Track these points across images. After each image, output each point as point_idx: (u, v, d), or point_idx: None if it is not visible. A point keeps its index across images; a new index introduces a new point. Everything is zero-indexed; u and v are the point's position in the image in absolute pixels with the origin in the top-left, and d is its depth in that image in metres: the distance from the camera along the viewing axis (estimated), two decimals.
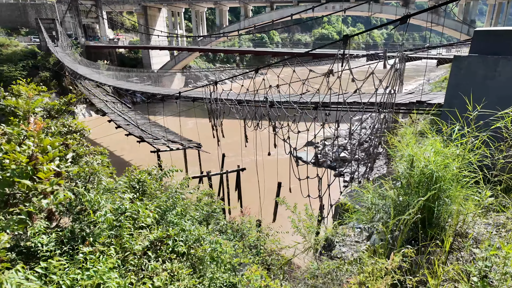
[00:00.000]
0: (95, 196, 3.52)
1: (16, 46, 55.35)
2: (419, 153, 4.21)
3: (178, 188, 5.32)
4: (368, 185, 4.50)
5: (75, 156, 4.20)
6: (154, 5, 70.47)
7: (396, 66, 8.47)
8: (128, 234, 3.41)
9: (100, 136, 44.74)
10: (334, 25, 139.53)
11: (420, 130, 4.82)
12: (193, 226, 4.32)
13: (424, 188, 4.01)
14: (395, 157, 4.61)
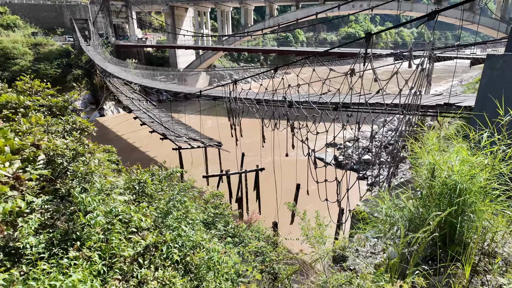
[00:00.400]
0: (85, 197, 3.44)
1: (52, 45, 58.33)
2: (441, 161, 3.80)
3: (180, 190, 5.16)
4: (383, 193, 4.13)
5: (75, 154, 4.16)
6: (181, 5, 71.80)
7: (423, 66, 7.91)
8: (117, 239, 3.29)
9: (126, 132, 46.35)
10: (361, 24, 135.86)
11: (445, 135, 4.37)
12: (192, 231, 4.14)
13: (446, 201, 3.61)
14: (415, 165, 4.21)
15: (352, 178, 11.27)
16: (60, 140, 4.15)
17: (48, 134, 4.45)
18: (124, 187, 4.64)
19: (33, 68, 52.18)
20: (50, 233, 3.34)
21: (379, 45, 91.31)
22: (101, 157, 4.64)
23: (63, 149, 3.93)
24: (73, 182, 3.97)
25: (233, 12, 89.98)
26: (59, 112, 5.54)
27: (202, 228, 4.96)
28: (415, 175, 4.18)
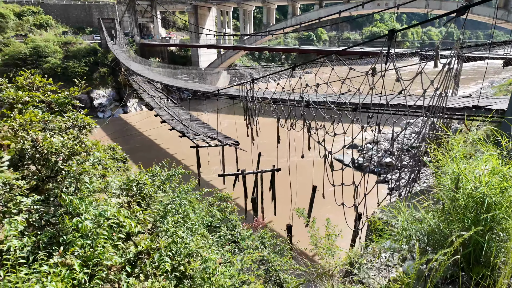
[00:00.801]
0: (73, 199, 3.28)
1: (81, 44, 60.56)
2: (467, 171, 3.37)
3: (181, 192, 4.94)
4: (400, 203, 3.75)
5: (71, 153, 4.04)
6: (204, 4, 72.48)
7: (450, 66, 7.33)
8: (102, 245, 3.09)
9: (148, 128, 47.35)
10: (386, 23, 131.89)
11: (473, 140, 3.91)
12: (190, 237, 3.90)
13: (471, 216, 3.19)
14: (437, 173, 3.79)
15: (371, 181, 10.76)
16: (57, 137, 4.07)
17: (46, 131, 4.39)
18: (122, 187, 4.47)
19: (63, 66, 54.42)
20: (37, 236, 3.23)
21: (405, 45, 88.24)
22: (101, 155, 4.53)
23: (59, 147, 3.84)
24: (65, 183, 3.86)
25: (256, 11, 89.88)
26: (58, 108, 5.50)
27: (205, 232, 4.73)
28: (437, 184, 3.76)
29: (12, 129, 3.91)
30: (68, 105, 5.55)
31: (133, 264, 3.35)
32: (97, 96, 56.20)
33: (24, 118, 4.13)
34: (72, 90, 5.57)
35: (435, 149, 4.03)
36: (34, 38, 57.78)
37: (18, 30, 62.25)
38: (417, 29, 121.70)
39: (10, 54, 52.49)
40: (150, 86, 49.23)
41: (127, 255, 3.31)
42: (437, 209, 3.61)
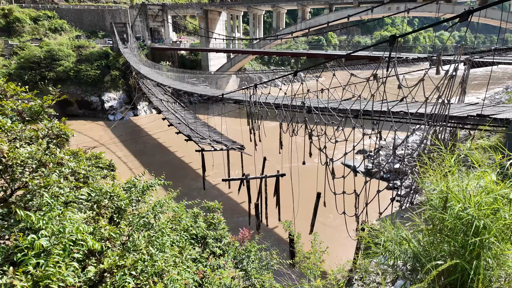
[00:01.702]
0: (30, 215, 3.13)
1: (93, 48, 61.77)
2: (457, 189, 3.11)
3: (156, 205, 4.73)
4: (385, 223, 3.51)
5: (38, 165, 3.92)
6: (214, 9, 73.08)
7: (453, 72, 7.01)
8: (55, 265, 2.93)
9: (157, 131, 47.79)
10: (398, 27, 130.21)
11: (467, 154, 3.64)
12: (161, 253, 3.70)
13: (459, 239, 2.93)
14: (425, 189, 3.53)
15: (378, 189, 10.41)
16: (25, 148, 3.97)
17: (16, 141, 4.30)
18: (92, 200, 4.31)
19: (75, 69, 55.55)
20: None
21: (417, 49, 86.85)
22: (75, 166, 4.40)
23: (26, 159, 3.73)
24: (28, 196, 3.73)
25: (265, 16, 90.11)
26: (30, 118, 5.41)
27: (187, 246, 4.53)
28: (426, 202, 3.50)
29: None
30: (41, 114, 5.46)
31: (95, 284, 3.19)
32: (108, 99, 57.12)
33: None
34: (45, 99, 5.48)
35: (425, 163, 3.78)
36: (49, 42, 59.25)
37: (33, 34, 63.97)
38: (429, 33, 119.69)
39: (25, 57, 53.89)
40: (159, 89, 49.73)
41: (87, 275, 3.16)
42: (423, 229, 3.35)
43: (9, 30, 62.51)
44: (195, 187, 30.26)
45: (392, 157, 9.04)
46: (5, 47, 56.46)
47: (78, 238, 3.18)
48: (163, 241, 3.99)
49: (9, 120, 4.61)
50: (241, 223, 22.89)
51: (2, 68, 52.04)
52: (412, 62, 22.19)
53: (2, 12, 62.78)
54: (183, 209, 5.81)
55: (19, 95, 5.67)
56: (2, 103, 5.02)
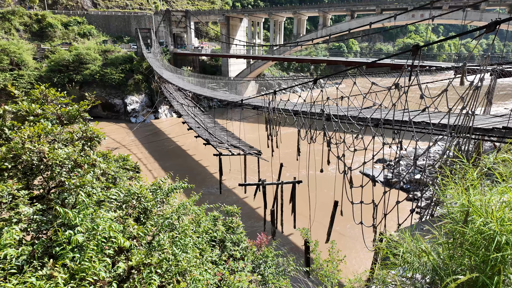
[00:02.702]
0: (68, 212, 3.37)
1: (119, 52, 64.09)
2: (478, 203, 3.10)
3: (180, 207, 4.91)
4: (404, 234, 3.52)
5: (74, 165, 4.20)
6: (236, 16, 74.23)
7: (477, 84, 6.88)
8: (89, 259, 3.14)
9: (177, 134, 48.81)
10: (422, 35, 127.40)
11: (490, 169, 3.61)
12: (184, 253, 3.85)
13: (480, 254, 2.91)
14: (446, 203, 3.52)
15: (397, 199, 10.24)
16: (63, 149, 4.26)
17: (54, 142, 4.62)
18: (121, 200, 4.54)
19: (101, 73, 57.76)
20: (34, 245, 3.35)
21: (441, 58, 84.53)
22: (105, 167, 4.67)
23: (63, 159, 4.01)
24: (65, 194, 3.99)
25: (286, 22, 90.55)
26: (67, 121, 5.77)
27: (207, 248, 4.68)
28: (447, 215, 3.49)
29: (21, 140, 4.17)
30: (77, 117, 5.82)
31: (123, 279, 3.38)
32: (131, 101, 58.94)
33: (32, 130, 4.38)
34: (82, 104, 5.84)
35: (446, 175, 3.76)
36: (77, 46, 61.95)
37: (64, 39, 67.17)
38: (455, 41, 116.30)
39: (55, 60, 56.58)
40: (180, 93, 50.88)
41: (116, 270, 3.35)
42: (443, 242, 3.34)
43: (41, 35, 65.98)
44: (212, 191, 30.61)
45: (413, 168, 8.89)
46: (38, 50, 59.53)
47: (110, 236, 3.39)
48: (185, 242, 4.15)
49: (49, 123, 4.97)
50: (257, 229, 22.91)
51: (34, 70, 54.81)
52: (436, 71, 21.70)
53: (36, 17, 66.40)
54: (203, 212, 5.97)
55: (58, 99, 6.08)
56: (44, 107, 5.42)
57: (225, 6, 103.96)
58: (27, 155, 3.87)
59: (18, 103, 5.33)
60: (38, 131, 4.43)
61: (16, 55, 52.90)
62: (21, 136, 4.17)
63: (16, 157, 3.91)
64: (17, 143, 4.00)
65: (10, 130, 4.66)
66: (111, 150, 5.66)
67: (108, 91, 58.63)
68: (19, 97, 5.71)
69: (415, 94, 9.93)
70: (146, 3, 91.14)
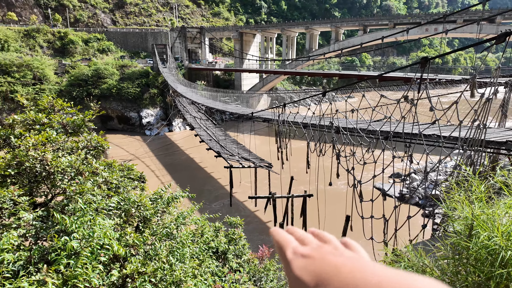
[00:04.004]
0: (65, 219, 3.41)
1: (135, 67, 66.16)
2: (484, 218, 2.97)
3: (179, 217, 4.89)
4: (406, 249, 3.39)
5: (76, 173, 4.29)
6: (249, 31, 75.80)
7: (488, 96, 6.71)
8: (82, 266, 3.14)
9: (189, 147, 49.41)
10: (436, 48, 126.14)
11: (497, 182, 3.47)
12: (180, 263, 3.80)
13: (484, 270, 2.76)
14: (451, 216, 3.39)
15: (411, 214, 9.93)
16: (66, 158, 4.38)
17: (59, 150, 4.76)
18: (121, 208, 4.57)
19: (118, 87, 59.59)
20: (32, 250, 3.40)
21: (457, 71, 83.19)
22: (107, 175, 4.74)
23: (66, 167, 4.11)
24: (65, 201, 4.06)
25: (299, 37, 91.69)
26: (72, 130, 5.94)
27: (207, 259, 4.62)
28: (451, 229, 3.36)
29: (25, 148, 4.32)
30: (82, 127, 5.99)
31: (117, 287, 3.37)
32: (146, 115, 60.33)
33: (36, 138, 4.54)
34: (86, 113, 6.05)
35: (451, 189, 3.64)
36: (96, 61, 64.40)
37: (84, 55, 70.04)
38: (471, 54, 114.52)
39: (75, 75, 58.90)
40: (193, 107, 51.78)
41: (110, 278, 3.34)
42: (448, 258, 3.19)
43: (63, 51, 69.05)
44: (222, 203, 30.53)
45: (424, 182, 8.64)
46: (59, 66, 62.19)
47: (105, 243, 3.41)
48: (183, 252, 4.11)
49: (54, 132, 5.15)
50: (267, 242, 22.59)
51: (55, 85, 57.11)
52: (446, 84, 21.31)
53: (59, 35, 69.71)
54: (205, 223, 5.95)
55: (65, 109, 6.31)
56: (50, 117, 5.63)
57: (239, 22, 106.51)
58: (30, 162, 4.00)
59: (26, 113, 5.57)
60: (42, 139, 4.59)
61: (39, 70, 55.40)
62: (26, 144, 4.33)
63: (20, 164, 4.05)
64: (21, 150, 4.15)
65: (16, 138, 4.85)
66: (116, 160, 5.77)
67: (124, 105, 60.26)
68: (28, 107, 5.96)
69: (425, 108, 9.77)
70: (162, 20, 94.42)
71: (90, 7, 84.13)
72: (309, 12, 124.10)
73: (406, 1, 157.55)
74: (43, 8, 77.18)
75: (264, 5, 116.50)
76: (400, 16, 58.16)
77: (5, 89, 51.86)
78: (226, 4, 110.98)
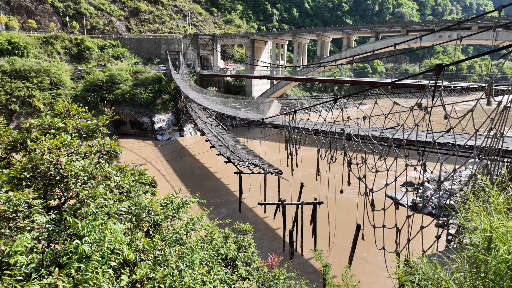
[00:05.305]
0: (77, 222, 3.44)
1: (148, 73, 67.36)
2: (504, 230, 2.86)
3: (189, 223, 4.86)
4: (422, 260, 3.29)
5: (89, 177, 4.35)
6: (261, 38, 76.36)
7: (506, 104, 6.52)
8: (93, 270, 3.14)
9: (200, 152, 49.73)
10: (450, 55, 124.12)
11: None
12: (189, 269, 3.78)
13: (504, 286, 2.65)
14: (467, 228, 3.28)
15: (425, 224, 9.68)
16: (80, 162, 4.44)
17: (73, 154, 4.84)
18: (132, 213, 4.59)
19: (131, 92, 60.72)
20: (44, 253, 3.43)
21: (472, 78, 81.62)
22: (119, 180, 4.78)
23: (79, 171, 4.17)
24: (77, 205, 4.10)
25: (310, 44, 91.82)
26: (86, 135, 6.03)
27: (215, 265, 4.58)
28: (467, 241, 3.24)
29: (40, 152, 4.40)
30: (96, 131, 6.09)
31: None
32: (158, 120, 61.16)
33: (51, 142, 4.63)
34: (100, 118, 6.14)
35: (469, 200, 3.52)
36: (111, 67, 65.86)
37: (99, 61, 71.81)
38: (486, 62, 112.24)
39: (90, 80, 60.34)
40: (204, 112, 52.24)
41: (120, 283, 3.34)
42: (466, 271, 3.08)
43: (79, 57, 70.99)
44: (232, 209, 30.46)
45: (438, 191, 8.42)
46: (75, 71, 63.86)
47: (116, 247, 3.41)
48: (192, 259, 4.09)
49: (69, 136, 5.25)
50: (275, 250, 22.36)
51: (71, 90, 58.59)
52: (461, 91, 20.92)
53: (76, 41, 71.77)
54: (214, 229, 5.92)
55: (79, 114, 6.44)
56: (66, 121, 5.76)
57: (251, 29, 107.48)
58: (45, 166, 4.08)
59: (42, 117, 5.71)
60: (57, 143, 4.68)
61: (56, 76, 56.99)
62: (41, 148, 4.42)
63: (35, 167, 4.14)
64: (37, 154, 4.25)
65: (32, 142, 4.96)
66: (128, 164, 5.83)
67: (137, 110, 61.25)
68: (44, 111, 6.11)
69: (440, 116, 9.57)
70: (176, 27, 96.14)
71: (106, 15, 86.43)
72: (320, 19, 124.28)
73: (419, 8, 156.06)
74: (61, 16, 79.68)
75: (276, 13, 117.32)
76: (413, 23, 57.61)
77: (23, 93, 53.48)
78: (238, 12, 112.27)
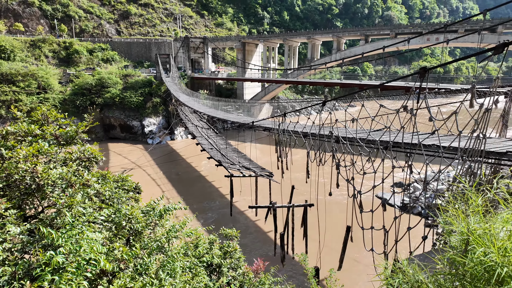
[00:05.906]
0: (49, 233, 3.32)
1: (139, 76, 66.76)
2: (480, 232, 2.88)
3: (170, 230, 4.75)
4: (402, 262, 3.30)
5: (67, 185, 4.24)
6: (252, 41, 76.62)
7: (488, 106, 6.65)
8: (65, 280, 3.04)
9: (191, 155, 49.40)
10: (437, 58, 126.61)
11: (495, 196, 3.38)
12: (169, 278, 3.70)
13: (482, 286, 2.67)
14: (447, 231, 3.30)
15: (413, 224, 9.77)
16: (57, 169, 4.34)
17: (50, 162, 4.73)
18: (111, 221, 4.48)
19: (121, 96, 60.04)
20: (17, 265, 3.31)
21: (459, 80, 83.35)
22: (99, 187, 4.68)
23: (56, 179, 4.06)
24: (53, 214, 3.99)
25: (301, 47, 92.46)
26: (65, 141, 5.91)
27: (200, 273, 4.51)
28: (447, 244, 3.27)
29: (15, 160, 4.29)
30: (75, 138, 5.96)
31: None
32: (148, 123, 60.60)
33: (27, 150, 4.52)
34: (80, 125, 6.03)
35: (448, 203, 3.56)
36: (100, 71, 65.11)
37: (88, 64, 70.92)
38: (473, 64, 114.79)
39: (79, 84, 59.49)
40: (195, 116, 52.03)
41: None
42: (445, 273, 3.09)
43: (68, 61, 69.99)
44: (222, 213, 30.29)
45: (424, 192, 8.52)
46: (63, 75, 62.89)
47: (92, 258, 3.32)
48: (174, 267, 4.01)
49: (46, 144, 5.12)
50: (268, 253, 22.29)
51: (59, 94, 57.63)
52: (446, 93, 21.31)
53: (64, 45, 70.77)
54: (199, 234, 5.85)
55: (59, 121, 6.31)
56: (43, 128, 5.62)
57: (242, 32, 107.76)
58: (19, 175, 3.96)
59: (18, 124, 5.57)
60: (33, 151, 4.55)
61: (44, 80, 56.00)
62: (16, 156, 4.30)
63: (9, 176, 4.02)
64: (11, 163, 4.12)
65: (7, 150, 4.83)
66: (110, 171, 5.72)
67: (127, 113, 60.59)
68: (21, 118, 5.96)
69: (426, 118, 9.71)
70: (166, 30, 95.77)
71: (96, 18, 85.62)
72: (311, 22, 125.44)
73: (407, 11, 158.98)
74: (49, 19, 78.61)
75: (267, 16, 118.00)
76: (402, 26, 58.63)
77: (9, 98, 52.36)
78: (229, 15, 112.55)
